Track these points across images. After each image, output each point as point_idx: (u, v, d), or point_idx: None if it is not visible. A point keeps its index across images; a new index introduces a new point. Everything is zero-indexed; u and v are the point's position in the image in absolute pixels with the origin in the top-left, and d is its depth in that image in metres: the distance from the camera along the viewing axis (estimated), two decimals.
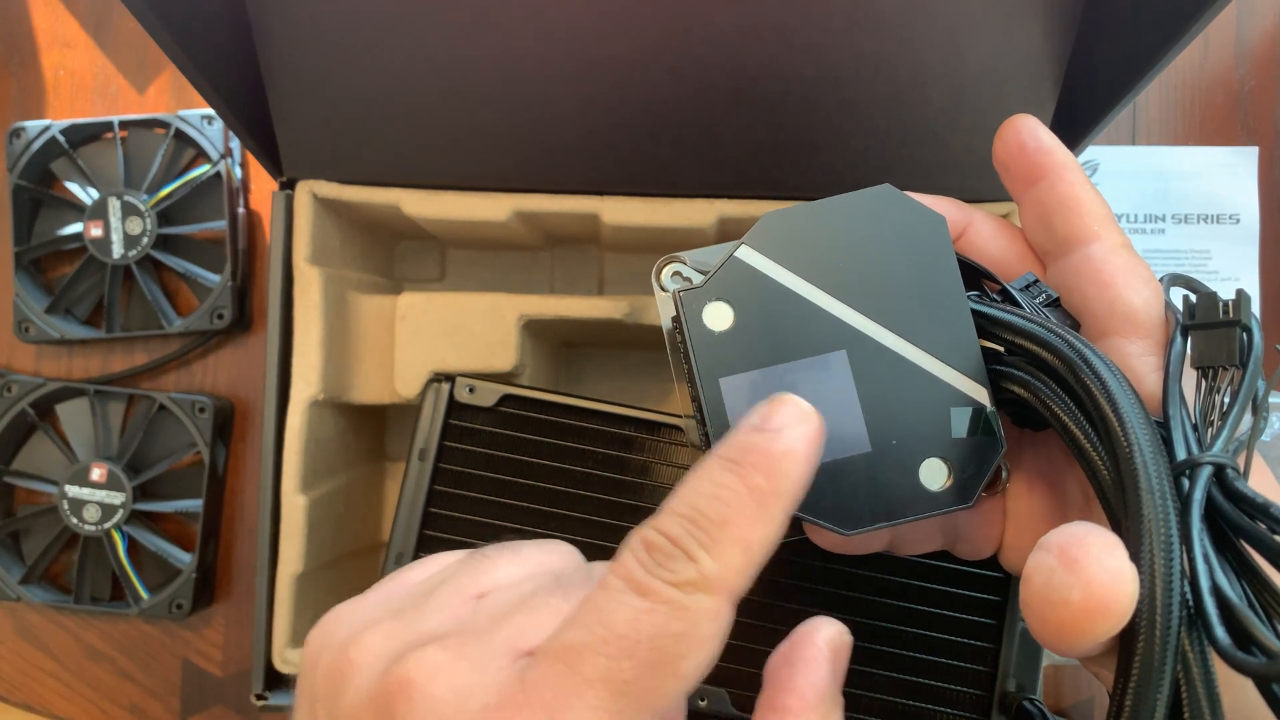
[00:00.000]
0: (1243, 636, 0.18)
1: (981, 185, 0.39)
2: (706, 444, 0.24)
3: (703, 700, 0.33)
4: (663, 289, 0.25)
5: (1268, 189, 0.51)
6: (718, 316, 0.24)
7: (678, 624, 0.18)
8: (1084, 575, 0.19)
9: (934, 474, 0.24)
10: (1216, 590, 0.19)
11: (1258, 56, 0.51)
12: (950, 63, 0.35)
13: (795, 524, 0.26)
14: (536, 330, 0.43)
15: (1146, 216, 0.52)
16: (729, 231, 0.41)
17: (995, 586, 0.34)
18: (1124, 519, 0.20)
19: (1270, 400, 0.22)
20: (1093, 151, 0.51)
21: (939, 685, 0.34)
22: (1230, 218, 0.51)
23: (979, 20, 0.33)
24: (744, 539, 0.19)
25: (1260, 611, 0.19)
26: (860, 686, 0.34)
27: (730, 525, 0.19)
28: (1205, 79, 0.52)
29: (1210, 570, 0.19)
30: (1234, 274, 0.51)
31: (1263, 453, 0.24)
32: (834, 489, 0.24)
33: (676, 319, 0.24)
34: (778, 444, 0.19)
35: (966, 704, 0.34)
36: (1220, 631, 0.18)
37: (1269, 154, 0.51)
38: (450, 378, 0.37)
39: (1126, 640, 0.19)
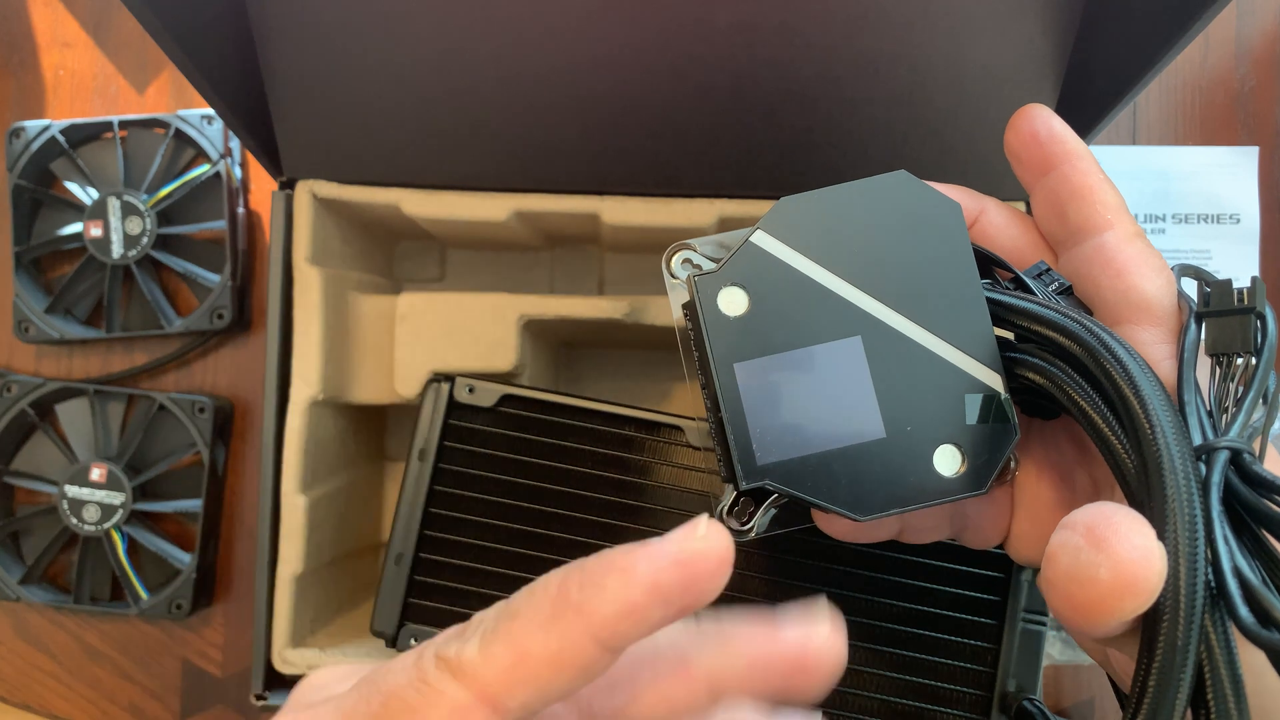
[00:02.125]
0: (1263, 616, 0.18)
1: (983, 184, 0.39)
2: (719, 433, 0.24)
3: None
4: (674, 276, 0.25)
5: (1268, 189, 0.51)
6: (732, 302, 0.24)
7: (414, 696, 0.17)
8: (1112, 553, 0.19)
9: (947, 461, 0.24)
10: (1237, 571, 0.19)
11: (1258, 56, 0.51)
12: (951, 62, 0.35)
13: (803, 512, 0.26)
14: (536, 330, 0.43)
15: (1147, 216, 0.52)
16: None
17: (995, 587, 0.34)
18: (1146, 501, 0.20)
19: None
20: (1093, 151, 0.51)
21: (939, 685, 0.34)
22: (1230, 218, 0.51)
23: (980, 20, 0.33)
24: (519, 642, 0.17)
25: (1277, 591, 0.19)
26: (860, 686, 0.34)
27: (517, 621, 0.17)
28: (1205, 79, 0.52)
29: (1230, 551, 0.19)
30: (1234, 274, 0.51)
31: (1277, 448, 0.24)
32: (847, 475, 0.23)
33: (688, 306, 0.24)
34: (622, 559, 0.17)
35: (966, 704, 0.34)
36: (1244, 610, 0.18)
37: (1269, 154, 0.51)
38: (450, 378, 0.37)
39: (1150, 620, 0.19)
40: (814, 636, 0.18)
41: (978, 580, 0.34)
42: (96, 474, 0.48)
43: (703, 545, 0.17)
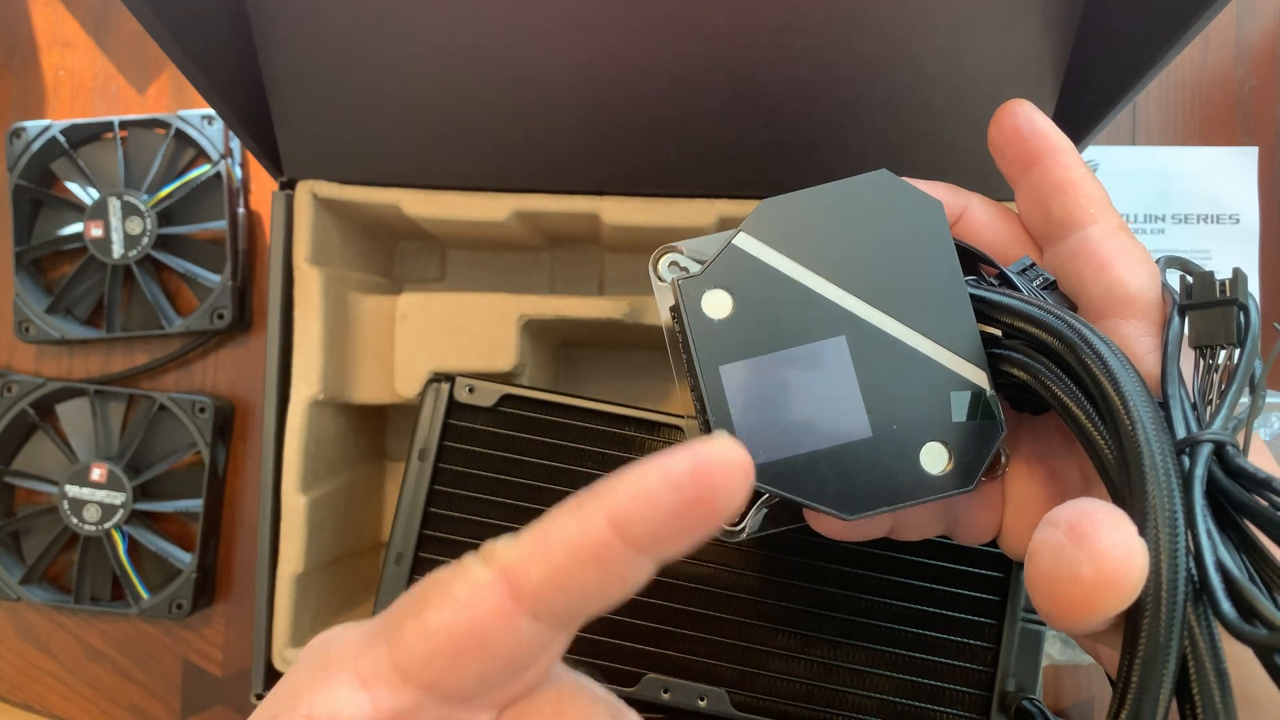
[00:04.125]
0: (1246, 610, 0.18)
1: (983, 184, 0.39)
2: (707, 434, 0.24)
3: (703, 700, 0.33)
4: (660, 279, 0.25)
5: (1268, 189, 0.51)
6: (716, 304, 0.24)
7: (447, 576, 0.18)
8: (1093, 550, 0.19)
9: (935, 458, 0.24)
10: (1220, 565, 0.19)
11: (1258, 56, 0.51)
12: (950, 63, 0.35)
13: (796, 511, 0.26)
14: (536, 330, 0.43)
15: (1146, 216, 0.52)
16: None
17: (995, 587, 0.34)
18: (1128, 496, 0.20)
19: (1269, 399, 0.22)
20: (1093, 151, 0.51)
21: (938, 685, 0.34)
22: (1230, 218, 0.51)
23: (979, 21, 0.33)
24: (544, 526, 0.18)
25: (1261, 585, 0.19)
26: (860, 686, 0.34)
27: (548, 516, 0.18)
28: (1205, 79, 0.52)
29: (1214, 545, 0.19)
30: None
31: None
32: (835, 474, 0.24)
33: (675, 309, 0.24)
34: (644, 463, 0.17)
35: (966, 704, 0.34)
36: (1226, 605, 0.18)
37: (1269, 154, 0.51)
38: (450, 378, 0.37)
39: (1132, 616, 0.19)
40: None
41: (977, 580, 0.34)
42: (97, 474, 0.48)
43: (717, 442, 0.17)
